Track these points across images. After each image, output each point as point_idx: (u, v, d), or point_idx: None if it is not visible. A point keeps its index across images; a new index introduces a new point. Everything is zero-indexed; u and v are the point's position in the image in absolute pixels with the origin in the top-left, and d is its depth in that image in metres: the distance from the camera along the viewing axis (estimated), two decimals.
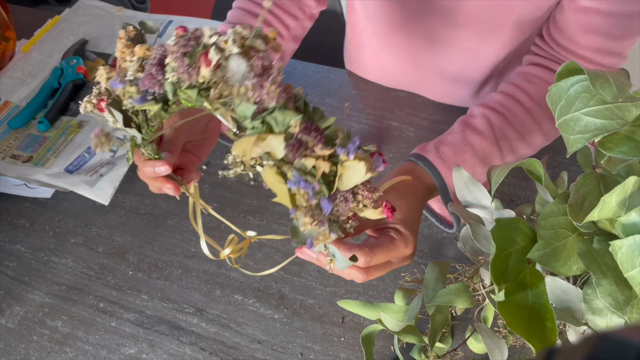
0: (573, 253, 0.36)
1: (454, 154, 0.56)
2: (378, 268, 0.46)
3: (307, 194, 0.36)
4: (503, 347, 0.43)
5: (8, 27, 0.85)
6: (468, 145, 0.57)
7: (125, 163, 0.70)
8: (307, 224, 0.36)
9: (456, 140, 0.57)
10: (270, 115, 0.35)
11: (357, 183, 0.36)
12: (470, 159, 0.56)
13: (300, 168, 0.36)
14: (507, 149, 0.58)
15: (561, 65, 0.60)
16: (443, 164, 0.55)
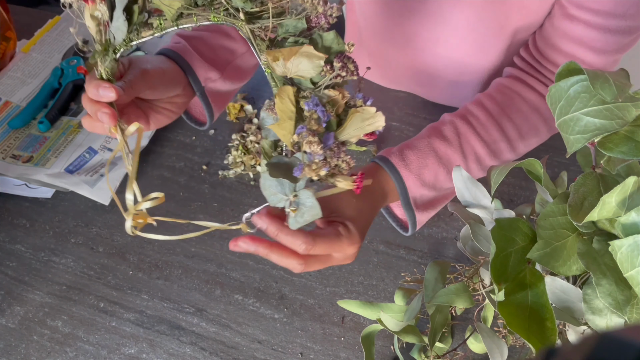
0: (573, 253, 0.36)
1: (417, 158, 0.56)
2: (318, 260, 0.45)
3: (319, 119, 0.37)
4: (503, 347, 0.43)
5: (8, 27, 0.85)
6: (432, 151, 0.57)
7: None
8: (312, 143, 0.37)
9: (421, 145, 0.57)
10: (317, 34, 0.37)
11: (358, 135, 0.39)
12: (433, 164, 0.56)
13: (321, 96, 0.37)
14: (472, 158, 0.58)
15: (537, 79, 0.61)
16: (405, 167, 0.56)
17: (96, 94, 0.46)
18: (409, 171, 0.56)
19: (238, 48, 0.65)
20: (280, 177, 0.40)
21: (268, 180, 0.41)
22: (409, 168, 0.56)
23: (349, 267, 0.62)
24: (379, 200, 0.54)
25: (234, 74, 0.65)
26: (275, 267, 0.63)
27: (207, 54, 0.60)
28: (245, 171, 0.72)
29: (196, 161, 0.74)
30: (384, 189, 0.55)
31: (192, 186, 0.72)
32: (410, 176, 0.56)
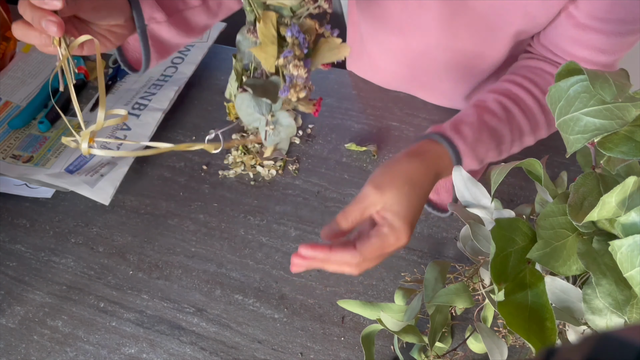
0: (573, 253, 0.36)
1: (473, 133, 0.54)
2: (371, 261, 0.47)
3: (300, 46, 0.41)
4: (503, 347, 0.43)
5: (9, 28, 0.85)
6: (485, 125, 0.55)
7: (125, 163, 0.70)
8: (299, 67, 0.41)
9: (473, 120, 0.55)
10: None
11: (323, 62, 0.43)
12: (487, 139, 0.55)
13: (301, 24, 0.40)
14: (517, 135, 0.57)
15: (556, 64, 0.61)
16: (463, 142, 0.53)
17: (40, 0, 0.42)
18: (466, 145, 0.53)
19: (190, 1, 0.63)
20: (262, 97, 0.42)
21: (245, 101, 0.43)
22: (466, 142, 0.53)
23: None
24: (432, 184, 0.52)
25: (181, 24, 0.62)
26: (275, 267, 0.63)
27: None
28: (245, 171, 0.72)
29: (196, 161, 0.74)
30: (437, 168, 0.52)
31: (192, 186, 0.72)
32: (467, 151, 0.53)
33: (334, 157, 0.73)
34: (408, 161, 0.51)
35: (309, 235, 0.65)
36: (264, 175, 0.71)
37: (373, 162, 0.72)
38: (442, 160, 0.53)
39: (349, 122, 0.77)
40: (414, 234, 0.64)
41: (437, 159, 0.53)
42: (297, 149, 0.74)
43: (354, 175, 0.71)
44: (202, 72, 0.84)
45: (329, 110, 0.78)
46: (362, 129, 0.76)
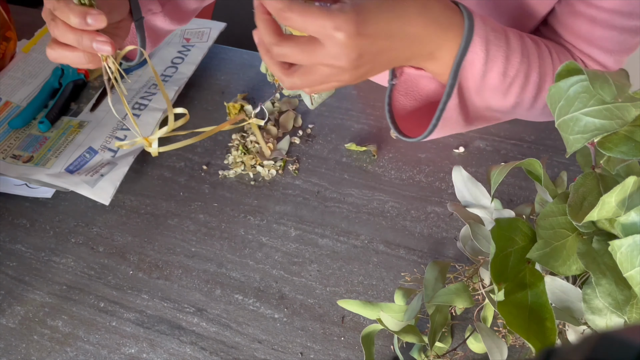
0: (572, 253, 0.36)
1: (492, 22, 0.47)
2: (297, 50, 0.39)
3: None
4: (503, 347, 0.43)
5: (9, 28, 0.85)
6: (503, 29, 0.48)
7: (126, 163, 0.70)
8: None
9: (496, 24, 0.48)
10: None
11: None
12: (502, 38, 0.47)
13: None
14: (525, 63, 0.50)
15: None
16: (482, 22, 0.45)
17: (81, 22, 0.42)
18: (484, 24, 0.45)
19: None
20: None
21: None
22: (484, 22, 0.45)
23: (349, 267, 0.62)
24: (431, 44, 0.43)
25: (173, 12, 0.62)
26: (275, 267, 0.63)
27: None
28: (245, 171, 0.73)
29: (196, 161, 0.74)
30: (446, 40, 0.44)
31: (192, 186, 0.72)
32: (481, 29, 0.44)
33: (334, 157, 0.73)
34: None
35: (309, 235, 0.65)
36: (264, 175, 0.72)
37: (373, 162, 0.72)
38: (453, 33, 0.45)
39: (349, 122, 0.77)
40: (413, 234, 0.64)
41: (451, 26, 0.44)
42: (297, 149, 0.74)
43: (354, 175, 0.71)
44: (202, 72, 0.84)
45: (329, 110, 0.78)
46: (362, 129, 0.76)
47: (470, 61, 0.46)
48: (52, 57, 0.47)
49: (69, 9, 0.43)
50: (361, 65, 0.41)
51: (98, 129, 0.76)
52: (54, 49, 0.47)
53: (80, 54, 0.46)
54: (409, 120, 0.55)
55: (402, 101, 0.55)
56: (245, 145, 0.74)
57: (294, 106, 0.79)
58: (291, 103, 0.79)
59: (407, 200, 0.67)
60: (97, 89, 0.83)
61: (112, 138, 0.75)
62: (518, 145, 0.72)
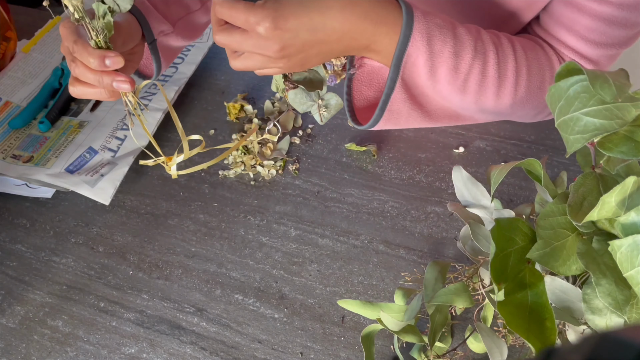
0: (572, 253, 0.36)
1: (436, 18, 0.48)
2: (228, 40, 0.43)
3: None
4: (502, 347, 0.43)
5: (9, 28, 0.85)
6: (451, 24, 0.49)
7: (126, 163, 0.70)
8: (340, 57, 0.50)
9: (444, 17, 0.50)
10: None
11: None
12: (448, 32, 0.48)
13: None
14: (480, 59, 0.50)
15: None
16: (423, 16, 0.46)
17: (101, 65, 0.44)
18: (425, 20, 0.46)
19: (191, 4, 0.64)
20: (312, 90, 0.52)
21: (298, 95, 0.52)
22: (425, 18, 0.46)
23: (349, 267, 0.62)
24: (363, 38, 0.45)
25: (185, 30, 0.64)
26: (275, 267, 0.63)
27: (161, 7, 0.59)
28: (245, 171, 0.73)
29: (197, 161, 0.74)
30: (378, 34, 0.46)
31: (192, 186, 0.72)
32: (422, 23, 0.46)
33: (334, 157, 0.73)
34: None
35: (309, 235, 0.65)
36: (264, 175, 0.72)
37: (373, 162, 0.72)
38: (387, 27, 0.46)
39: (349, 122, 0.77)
40: (413, 234, 0.64)
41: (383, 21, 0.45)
42: (297, 149, 0.74)
43: (354, 175, 0.71)
44: (202, 72, 0.84)
45: None
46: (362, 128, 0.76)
47: (413, 56, 0.47)
48: (75, 93, 0.49)
49: (88, 52, 0.45)
50: (289, 55, 0.44)
51: (98, 129, 0.76)
52: (75, 87, 0.49)
53: (101, 90, 0.48)
54: (369, 110, 0.57)
55: (365, 92, 0.57)
56: (245, 145, 0.74)
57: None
58: None
59: (407, 200, 0.67)
60: None
61: (112, 138, 0.75)
62: (518, 145, 0.72)
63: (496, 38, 0.53)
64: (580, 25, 0.54)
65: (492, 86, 0.52)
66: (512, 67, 0.53)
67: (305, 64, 0.47)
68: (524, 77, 0.54)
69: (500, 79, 0.52)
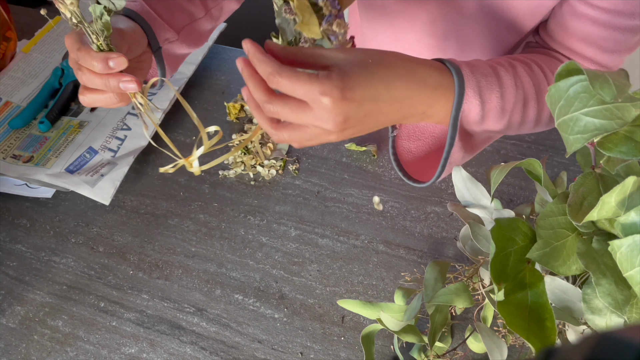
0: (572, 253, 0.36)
1: (480, 66, 0.48)
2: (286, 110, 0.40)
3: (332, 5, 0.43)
4: (502, 347, 0.43)
5: (9, 28, 0.85)
6: (491, 68, 0.49)
7: (126, 163, 0.70)
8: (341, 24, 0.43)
9: (481, 61, 0.50)
10: None
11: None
12: (492, 79, 0.48)
13: None
14: (521, 93, 0.50)
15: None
16: (470, 70, 0.46)
17: (104, 67, 0.44)
18: (473, 75, 0.46)
19: (196, 12, 0.64)
20: None
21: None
22: (473, 70, 0.46)
23: (349, 267, 0.62)
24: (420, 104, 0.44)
25: (189, 37, 0.64)
26: (275, 267, 0.63)
27: (165, 15, 0.60)
28: (245, 171, 0.73)
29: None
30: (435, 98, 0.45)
31: (193, 186, 0.72)
32: (471, 80, 0.46)
33: (334, 157, 0.73)
34: (400, 56, 0.43)
35: (309, 235, 0.65)
36: (264, 175, 0.72)
37: (373, 162, 0.72)
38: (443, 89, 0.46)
39: None
40: (413, 234, 0.64)
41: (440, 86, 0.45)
42: (297, 149, 0.74)
43: (354, 175, 0.71)
44: (202, 72, 0.84)
45: None
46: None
47: (467, 111, 0.47)
48: (86, 102, 0.49)
49: (91, 56, 0.45)
50: (348, 127, 0.42)
51: (98, 129, 0.76)
52: (85, 95, 0.49)
53: (110, 95, 0.48)
54: (415, 163, 0.56)
55: (406, 145, 0.56)
56: (246, 145, 0.74)
57: None
58: None
59: (407, 200, 0.67)
60: None
61: (112, 138, 0.75)
62: (518, 145, 0.72)
63: (528, 67, 0.53)
64: (595, 36, 0.55)
65: (532, 113, 0.52)
66: (545, 87, 0.53)
67: (358, 133, 0.44)
68: None
69: (539, 105, 0.53)
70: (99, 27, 0.45)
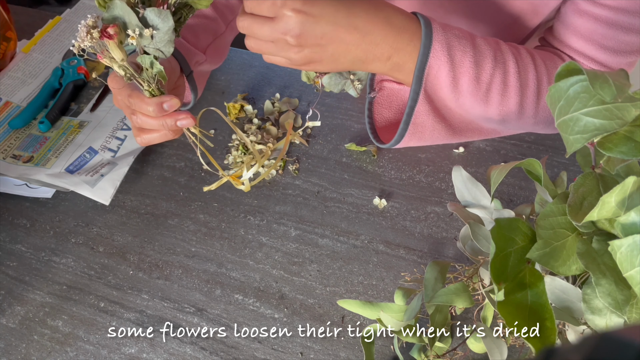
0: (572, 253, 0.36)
1: (454, 29, 0.48)
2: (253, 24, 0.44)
3: None
4: (502, 347, 0.43)
5: (9, 28, 0.85)
6: (469, 35, 0.50)
7: (126, 163, 0.70)
8: None
9: (462, 30, 0.50)
10: None
11: None
12: (466, 42, 0.48)
13: None
14: (501, 69, 0.50)
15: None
16: (442, 28, 0.47)
17: (160, 110, 0.46)
18: (444, 31, 0.47)
19: (218, 28, 0.65)
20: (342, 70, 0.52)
21: (332, 78, 0.52)
22: (444, 30, 0.47)
23: (348, 267, 0.63)
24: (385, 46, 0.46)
25: (215, 53, 0.66)
26: (275, 267, 0.63)
27: (192, 40, 0.61)
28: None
29: (196, 161, 0.74)
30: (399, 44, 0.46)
31: (193, 186, 0.72)
32: (441, 35, 0.46)
33: (334, 157, 0.73)
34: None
35: (309, 235, 0.65)
36: (264, 175, 0.71)
37: (373, 162, 0.72)
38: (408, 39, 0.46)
39: (349, 122, 0.77)
40: (413, 234, 0.64)
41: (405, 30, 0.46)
42: (297, 149, 0.74)
43: (354, 175, 0.71)
44: None
45: (329, 110, 0.78)
46: (362, 129, 0.76)
47: (435, 67, 0.47)
48: (143, 143, 0.51)
49: (146, 103, 0.46)
50: (305, 45, 0.44)
51: (98, 129, 0.76)
52: (141, 137, 0.51)
53: (165, 132, 0.50)
54: (391, 131, 0.57)
55: (385, 114, 0.58)
56: (245, 145, 0.74)
57: (294, 106, 0.79)
58: (291, 103, 0.79)
59: (407, 200, 0.67)
60: (97, 89, 0.83)
61: (112, 138, 0.75)
62: (518, 145, 0.72)
63: (515, 49, 0.53)
64: (597, 34, 0.54)
65: (515, 95, 0.52)
66: (532, 77, 0.53)
67: (314, 61, 0.46)
68: (545, 86, 0.54)
69: (522, 88, 0.52)
70: (150, 76, 0.46)
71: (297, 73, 0.84)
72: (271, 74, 0.84)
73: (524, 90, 0.52)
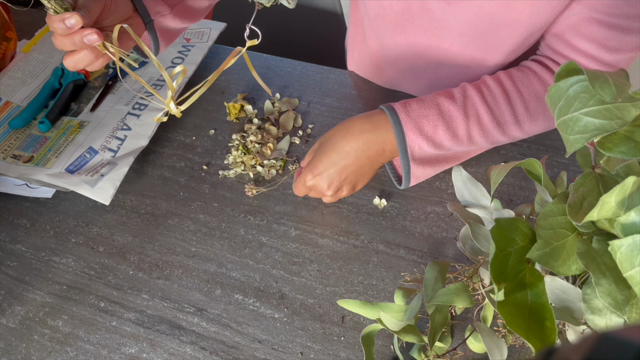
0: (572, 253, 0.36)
1: (419, 107, 0.59)
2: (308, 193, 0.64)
3: None
4: (502, 347, 0.43)
5: (9, 28, 0.85)
6: (435, 105, 0.59)
7: (126, 163, 0.70)
8: None
9: (426, 99, 0.60)
10: None
11: None
12: (433, 116, 0.58)
13: None
14: (474, 120, 0.59)
15: (557, 63, 0.61)
16: (405, 113, 0.58)
17: (64, 27, 0.47)
18: (409, 117, 0.58)
19: None
20: None
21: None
22: (409, 114, 0.58)
23: (348, 267, 0.63)
24: (374, 145, 0.59)
25: (184, 13, 0.66)
26: (275, 266, 0.63)
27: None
28: (245, 171, 0.73)
29: (196, 161, 0.74)
30: (382, 137, 0.59)
31: (193, 186, 0.72)
32: (409, 122, 0.58)
33: None
34: (339, 125, 0.61)
35: (309, 235, 0.65)
36: (264, 175, 0.72)
37: None
38: (388, 132, 0.59)
39: None
40: (413, 234, 0.64)
41: (384, 130, 0.59)
42: (297, 149, 0.74)
43: None
44: (202, 72, 0.84)
45: (329, 111, 0.78)
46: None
47: (414, 144, 0.59)
48: (69, 66, 0.52)
49: (51, 21, 0.48)
50: (335, 188, 0.62)
51: (98, 129, 0.76)
52: (66, 60, 0.52)
53: (84, 52, 0.50)
54: None
55: None
56: (245, 145, 0.74)
57: (294, 106, 0.79)
58: (291, 103, 0.79)
59: (407, 200, 0.67)
60: (97, 89, 0.83)
61: (112, 138, 0.75)
62: (518, 145, 0.72)
63: (483, 88, 0.61)
64: (599, 35, 0.56)
65: (496, 131, 0.61)
66: (506, 108, 0.60)
67: (352, 187, 0.63)
68: (520, 109, 0.61)
69: (500, 123, 0.61)
70: None
71: (297, 73, 0.84)
72: (271, 74, 0.84)
73: (502, 123, 0.61)
